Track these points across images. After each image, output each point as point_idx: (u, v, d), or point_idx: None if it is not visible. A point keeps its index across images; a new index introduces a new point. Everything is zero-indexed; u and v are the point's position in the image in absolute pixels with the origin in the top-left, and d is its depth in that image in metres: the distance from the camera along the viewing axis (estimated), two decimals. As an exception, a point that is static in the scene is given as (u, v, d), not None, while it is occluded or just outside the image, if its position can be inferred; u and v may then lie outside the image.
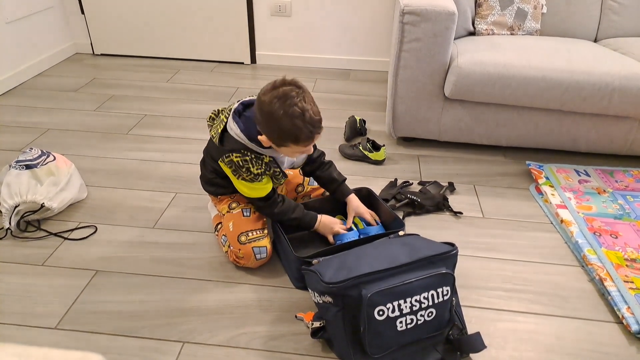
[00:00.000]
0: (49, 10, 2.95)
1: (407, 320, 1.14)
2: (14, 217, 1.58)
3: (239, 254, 1.44)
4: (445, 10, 1.83)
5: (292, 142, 1.28)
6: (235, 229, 1.47)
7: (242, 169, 1.36)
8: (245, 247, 1.43)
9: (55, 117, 2.39)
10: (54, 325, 1.28)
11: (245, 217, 1.49)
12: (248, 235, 1.45)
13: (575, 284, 1.47)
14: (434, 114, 2.05)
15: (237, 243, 1.44)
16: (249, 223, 1.48)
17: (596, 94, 1.86)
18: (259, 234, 1.47)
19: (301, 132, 1.25)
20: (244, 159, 1.35)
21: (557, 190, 1.86)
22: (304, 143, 1.29)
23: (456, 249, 1.23)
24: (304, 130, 1.25)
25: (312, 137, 1.29)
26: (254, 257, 1.44)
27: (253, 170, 1.36)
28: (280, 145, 1.31)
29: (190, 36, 3.11)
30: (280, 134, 1.27)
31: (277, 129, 1.26)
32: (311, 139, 1.29)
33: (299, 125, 1.24)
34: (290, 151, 1.35)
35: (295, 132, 1.25)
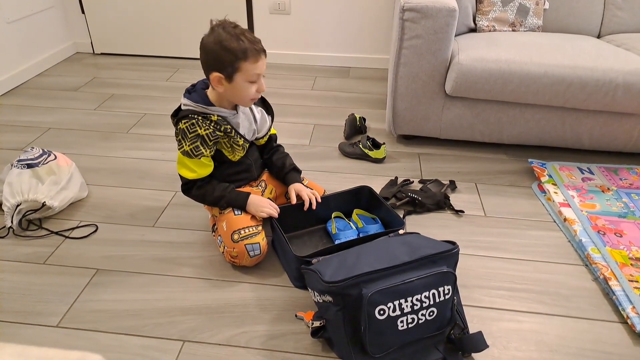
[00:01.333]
0: (50, 10, 2.95)
1: (408, 319, 1.13)
2: (15, 216, 1.58)
3: (233, 253, 1.44)
4: (445, 6, 1.82)
5: (242, 60, 1.34)
6: (228, 228, 1.46)
7: (188, 136, 1.40)
8: (239, 245, 1.43)
9: (56, 116, 2.38)
10: (55, 324, 1.28)
11: (237, 215, 1.49)
12: (240, 233, 1.45)
13: (579, 283, 1.46)
14: (435, 111, 2.04)
15: (231, 242, 1.44)
16: (241, 221, 1.47)
17: (600, 90, 1.84)
18: (252, 230, 1.46)
19: (247, 48, 1.33)
20: (191, 122, 1.40)
21: (560, 188, 1.84)
22: (253, 59, 1.34)
23: (457, 247, 1.22)
24: (249, 46, 1.33)
25: (259, 53, 1.35)
26: (248, 254, 1.43)
27: (201, 132, 1.39)
28: (233, 73, 1.35)
29: (189, 35, 3.10)
30: (229, 56, 1.34)
31: (225, 51, 1.33)
32: (258, 55, 1.36)
33: (244, 42, 1.33)
34: (243, 79, 1.37)
35: (243, 48, 1.33)
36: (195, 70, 3.00)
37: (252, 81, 1.39)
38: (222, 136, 1.44)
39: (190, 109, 1.43)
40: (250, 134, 1.53)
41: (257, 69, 1.37)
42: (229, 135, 1.45)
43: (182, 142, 1.42)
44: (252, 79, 1.38)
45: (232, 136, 1.45)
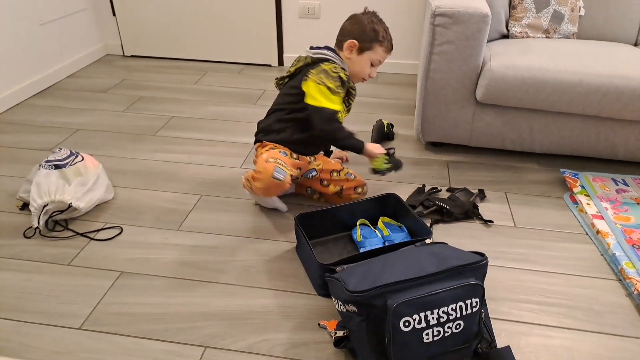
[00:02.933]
0: (82, 12, 3.01)
1: (434, 332, 1.10)
2: (42, 217, 1.60)
3: (259, 169, 1.52)
4: (478, 12, 1.79)
5: (378, 44, 1.62)
6: (267, 156, 1.55)
7: (330, 76, 1.57)
8: (269, 164, 1.51)
9: (85, 117, 2.42)
10: (77, 326, 1.28)
11: (282, 154, 1.59)
12: (277, 161, 1.53)
13: (612, 299, 1.41)
14: (465, 118, 2.01)
15: (264, 162, 1.52)
16: (284, 157, 1.57)
17: (637, 100, 1.78)
18: (287, 167, 1.53)
19: (387, 37, 1.64)
20: (334, 66, 1.60)
21: (593, 199, 1.79)
22: (384, 48, 1.64)
23: (486, 259, 1.18)
24: (388, 37, 1.64)
25: (391, 49, 1.66)
26: (272, 173, 1.49)
27: (342, 76, 1.59)
28: (364, 48, 1.62)
29: (218, 38, 3.12)
30: (373, 35, 1.61)
31: (371, 30, 1.61)
32: (390, 49, 1.66)
33: (386, 31, 1.64)
34: (370, 57, 1.64)
35: (384, 36, 1.62)
36: (223, 73, 3.02)
37: (373, 64, 1.66)
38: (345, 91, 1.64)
39: (330, 57, 1.63)
40: None
41: (382, 57, 1.66)
42: (350, 94, 1.67)
43: (324, 79, 1.57)
44: (374, 63, 1.66)
45: (351, 96, 1.68)
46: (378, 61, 1.65)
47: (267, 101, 2.63)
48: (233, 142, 2.20)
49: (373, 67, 1.66)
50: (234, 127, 2.35)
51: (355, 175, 1.76)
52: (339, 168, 1.76)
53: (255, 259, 1.53)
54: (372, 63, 1.65)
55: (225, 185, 1.88)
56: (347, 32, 1.63)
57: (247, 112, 2.51)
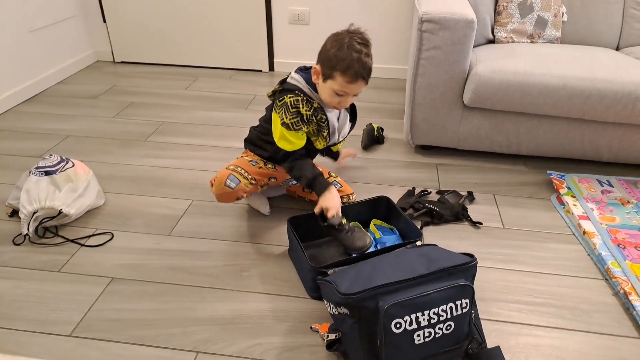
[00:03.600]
0: (72, 19, 3.00)
1: (425, 333, 1.11)
2: (32, 223, 1.59)
3: (217, 175, 1.55)
4: (464, 18, 1.81)
5: (340, 72, 1.39)
6: (234, 163, 1.59)
7: (290, 110, 1.47)
8: (224, 171, 1.54)
9: (75, 123, 2.41)
10: (68, 333, 1.28)
11: (252, 163, 1.61)
12: (237, 168, 1.56)
13: (599, 298, 1.43)
14: (453, 122, 2.03)
15: (223, 169, 1.56)
16: (250, 168, 1.59)
17: (619, 103, 1.81)
18: (247, 176, 1.56)
19: (352, 66, 1.37)
20: (296, 99, 1.47)
21: (579, 200, 1.81)
22: (349, 78, 1.39)
23: (475, 260, 1.20)
24: (355, 65, 1.37)
25: (358, 77, 1.39)
26: (224, 181, 1.53)
27: (302, 111, 1.47)
28: (328, 76, 1.42)
29: (209, 44, 3.13)
30: (335, 60, 1.39)
31: (334, 53, 1.39)
32: (356, 79, 1.40)
33: (354, 58, 1.37)
34: (331, 87, 1.42)
35: (348, 63, 1.37)
36: (214, 79, 3.03)
37: (338, 94, 1.44)
38: (314, 123, 1.53)
39: (299, 85, 1.50)
40: (335, 135, 1.61)
41: (347, 88, 1.42)
42: (320, 125, 1.54)
43: (283, 114, 1.48)
44: (339, 93, 1.43)
45: (323, 127, 1.54)
46: (343, 92, 1.43)
47: (257, 106, 2.64)
48: (224, 147, 2.21)
49: (341, 96, 1.44)
50: (225, 132, 2.35)
51: (342, 185, 1.75)
52: (325, 174, 1.74)
53: (247, 263, 1.54)
54: (336, 93, 1.43)
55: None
56: (320, 53, 1.46)
57: (238, 117, 2.51)
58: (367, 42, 1.42)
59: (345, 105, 1.49)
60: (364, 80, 1.42)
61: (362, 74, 1.39)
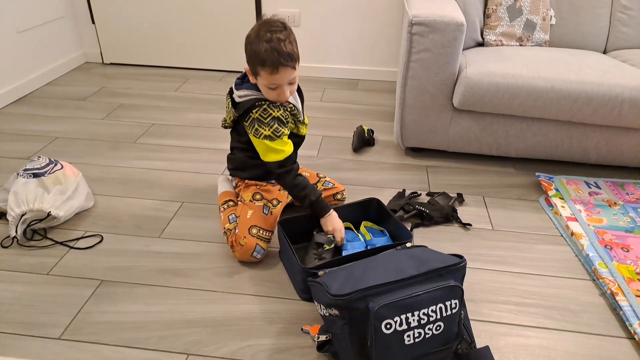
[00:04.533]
0: (60, 19, 2.98)
1: (415, 334, 1.11)
2: (20, 226, 1.57)
3: (242, 242, 1.48)
4: (453, 21, 1.83)
5: (260, 66, 1.34)
6: (252, 219, 1.52)
7: (265, 121, 1.43)
8: (252, 240, 1.49)
9: (63, 125, 2.40)
10: (57, 336, 1.27)
11: (265, 214, 1.56)
12: (260, 231, 1.52)
13: (587, 298, 1.45)
14: (443, 124, 2.04)
15: (246, 232, 1.49)
16: (266, 221, 1.55)
17: (606, 105, 1.84)
18: (268, 235, 1.54)
19: (267, 57, 1.31)
20: (262, 108, 1.43)
21: (567, 202, 1.83)
22: (269, 69, 1.33)
23: (465, 261, 1.21)
24: (270, 55, 1.31)
25: (277, 65, 1.32)
26: (252, 252, 1.49)
27: (276, 114, 1.43)
28: (255, 73, 1.39)
29: (199, 46, 3.12)
30: (251, 57, 1.36)
31: (249, 50, 1.36)
32: (277, 67, 1.33)
33: (267, 48, 1.31)
34: (262, 83, 1.40)
35: (262, 55, 1.32)
36: (204, 80, 3.02)
37: (271, 88, 1.40)
38: (290, 117, 1.51)
39: (252, 97, 1.45)
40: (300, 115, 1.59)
41: (275, 80, 1.37)
42: (294, 114, 1.52)
43: (259, 129, 1.44)
44: (271, 87, 1.39)
45: (296, 114, 1.52)
46: (272, 84, 1.38)
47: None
48: (214, 149, 2.20)
49: (275, 89, 1.40)
50: (215, 134, 2.35)
51: (333, 183, 1.79)
52: (316, 180, 1.77)
53: (238, 265, 1.53)
54: (269, 87, 1.39)
55: (207, 192, 1.88)
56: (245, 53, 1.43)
57: (228, 120, 2.51)
58: (279, 28, 1.35)
59: (286, 97, 1.43)
60: (287, 66, 1.34)
61: (280, 61, 1.32)
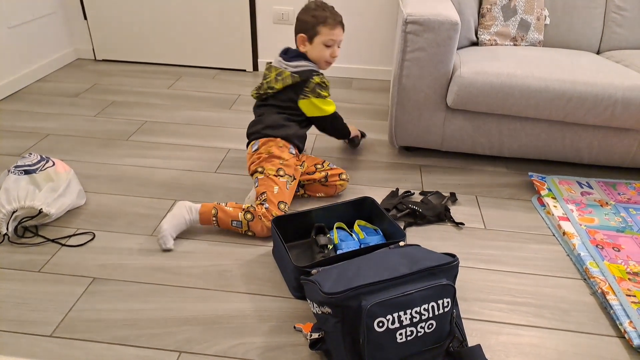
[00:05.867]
0: (52, 15, 2.96)
1: (407, 332, 1.12)
2: (11, 223, 1.56)
3: (275, 213, 1.60)
4: (448, 20, 1.83)
5: (322, 25, 1.70)
6: (279, 194, 1.65)
7: (324, 87, 1.75)
8: (280, 214, 1.61)
9: (55, 122, 2.38)
10: (49, 333, 1.26)
11: (288, 189, 1.69)
12: (285, 206, 1.65)
13: (578, 297, 1.46)
14: (436, 123, 2.05)
15: (277, 207, 1.62)
16: (289, 196, 1.69)
17: (599, 106, 1.85)
18: (288, 209, 1.67)
19: (328, 16, 1.71)
20: (321, 76, 1.75)
21: (559, 202, 1.84)
22: (331, 26, 1.71)
23: (457, 260, 1.21)
24: (329, 15, 1.71)
25: (337, 23, 1.72)
26: None
27: (327, 83, 1.77)
28: (313, 37, 1.73)
29: (192, 43, 3.11)
30: (312, 20, 1.71)
31: (310, 17, 1.72)
32: (336, 25, 1.72)
33: (326, 11, 1.72)
34: (320, 41, 1.73)
35: (325, 16, 1.70)
36: (198, 78, 3.01)
37: (328, 45, 1.73)
38: None
39: (310, 68, 1.74)
40: None
41: (333, 35, 1.72)
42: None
43: (320, 92, 1.75)
44: (328, 43, 1.73)
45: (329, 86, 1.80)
46: (331, 40, 1.72)
47: (241, 106, 2.63)
48: (207, 147, 2.20)
49: (329, 47, 1.74)
50: (208, 131, 2.34)
51: (334, 166, 1.90)
52: (320, 161, 1.89)
53: (231, 263, 1.53)
54: (325, 44, 1.73)
55: (200, 190, 1.88)
56: (295, 30, 1.77)
57: (222, 117, 2.50)
58: (328, 6, 1.75)
59: (336, 54, 1.77)
60: (341, 26, 1.74)
61: (339, 20, 1.73)
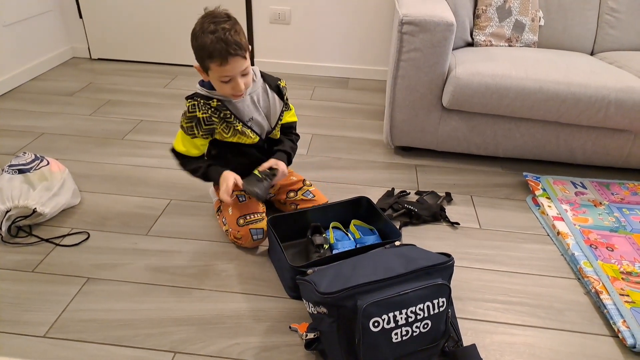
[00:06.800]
0: (47, 14, 2.94)
1: (403, 331, 1.12)
2: (5, 223, 1.56)
3: (238, 235, 1.54)
4: (443, 20, 1.83)
5: (208, 59, 1.33)
6: (234, 213, 1.57)
7: (187, 115, 1.47)
8: (243, 229, 1.53)
9: (50, 121, 2.37)
10: (42, 334, 1.26)
11: (242, 202, 1.60)
12: (246, 218, 1.55)
13: (572, 297, 1.46)
14: (432, 123, 2.05)
15: (236, 226, 1.54)
16: (246, 207, 1.58)
17: (593, 107, 1.86)
18: (257, 217, 1.56)
19: (214, 48, 1.30)
20: (192, 103, 1.46)
21: (553, 202, 1.85)
22: (218, 61, 1.32)
23: (452, 259, 1.22)
24: (217, 46, 1.30)
25: (226, 55, 1.31)
26: (251, 237, 1.53)
27: (199, 115, 1.45)
28: (204, 69, 1.40)
29: (188, 42, 3.06)
30: (198, 51, 1.35)
31: (195, 46, 1.35)
32: (225, 58, 1.31)
33: (212, 40, 1.30)
34: (214, 77, 1.39)
35: (209, 48, 1.31)
36: (194, 77, 3.00)
37: (224, 81, 1.38)
38: (218, 122, 1.48)
39: (197, 91, 1.50)
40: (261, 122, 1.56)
41: (226, 71, 1.35)
42: (227, 121, 1.48)
43: (182, 119, 1.50)
44: (223, 80, 1.38)
45: (230, 121, 1.48)
46: (225, 77, 1.36)
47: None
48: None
49: (228, 82, 1.37)
50: (204, 131, 2.33)
51: (315, 194, 1.70)
52: (298, 187, 1.70)
53: (226, 263, 1.53)
54: (222, 81, 1.37)
55: (196, 189, 1.87)
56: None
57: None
58: (223, 19, 1.34)
59: (240, 90, 1.39)
60: (236, 56, 1.32)
61: (229, 51, 1.30)
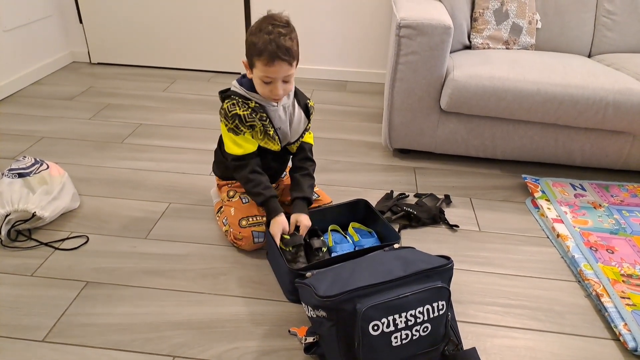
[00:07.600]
0: (48, 18, 2.95)
1: (402, 335, 1.12)
2: (4, 226, 1.56)
3: (239, 236, 1.53)
4: (441, 24, 1.84)
5: (256, 57, 1.36)
6: (236, 214, 1.56)
7: (228, 115, 1.45)
8: (245, 230, 1.53)
9: (50, 125, 2.37)
10: (41, 338, 1.25)
11: (245, 203, 1.59)
12: (249, 220, 1.55)
13: (572, 300, 1.46)
14: (430, 126, 2.05)
15: (238, 227, 1.53)
16: (249, 209, 1.57)
17: (590, 108, 1.86)
18: (259, 219, 1.55)
19: (265, 47, 1.33)
20: (232, 102, 1.46)
21: (553, 204, 1.85)
22: (265, 60, 1.34)
23: (452, 262, 1.21)
24: (268, 46, 1.33)
25: (274, 58, 1.34)
26: (253, 240, 1.53)
27: (239, 112, 1.44)
28: (251, 65, 1.41)
29: (187, 46, 3.11)
30: (249, 47, 1.38)
31: (248, 41, 1.38)
32: (272, 59, 1.34)
33: (265, 39, 1.33)
34: (257, 75, 1.40)
35: (260, 46, 1.34)
36: (193, 81, 3.01)
37: (265, 82, 1.40)
38: (256, 122, 1.47)
39: (235, 91, 1.50)
40: (286, 134, 1.56)
41: (269, 72, 1.37)
42: (263, 124, 1.48)
43: (226, 121, 1.48)
44: (264, 80, 1.39)
45: (267, 125, 1.48)
46: (267, 77, 1.38)
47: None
48: (202, 150, 2.19)
49: (269, 84, 1.40)
50: (203, 134, 2.34)
51: (320, 194, 1.73)
52: None
53: (225, 267, 1.53)
54: (262, 80, 1.39)
55: (194, 192, 1.87)
56: None
57: (217, 120, 2.50)
58: (283, 23, 1.37)
59: (278, 94, 1.41)
60: (283, 61, 1.35)
61: (278, 54, 1.33)
